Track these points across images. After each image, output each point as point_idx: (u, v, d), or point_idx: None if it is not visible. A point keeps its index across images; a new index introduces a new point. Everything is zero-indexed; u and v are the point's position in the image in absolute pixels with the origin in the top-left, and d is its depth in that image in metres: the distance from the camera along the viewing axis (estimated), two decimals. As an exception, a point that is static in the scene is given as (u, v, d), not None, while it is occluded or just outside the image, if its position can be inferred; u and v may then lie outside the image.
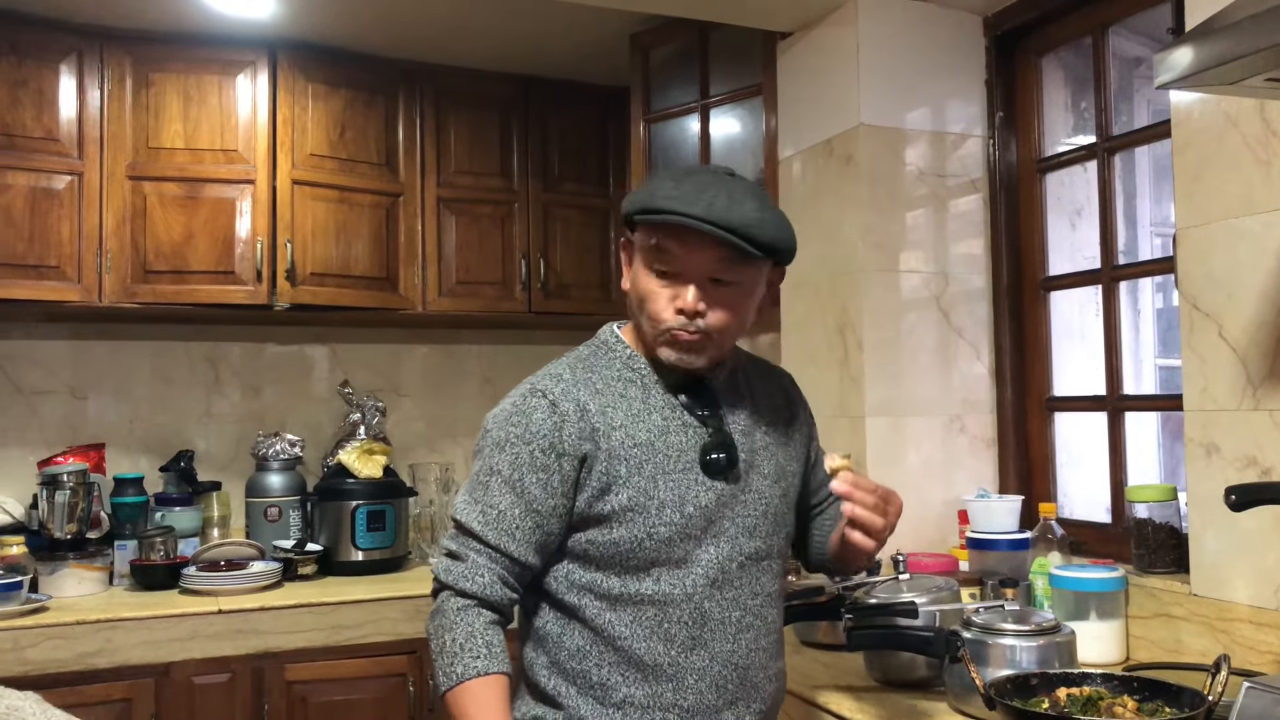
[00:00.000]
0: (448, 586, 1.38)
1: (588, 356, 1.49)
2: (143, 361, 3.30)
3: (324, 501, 3.13)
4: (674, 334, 1.41)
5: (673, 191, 1.37)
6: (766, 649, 1.47)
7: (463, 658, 1.32)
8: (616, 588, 1.39)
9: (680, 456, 1.42)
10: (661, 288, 1.41)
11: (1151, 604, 1.94)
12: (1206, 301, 1.83)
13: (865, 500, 1.38)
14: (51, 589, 2.70)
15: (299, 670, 2.66)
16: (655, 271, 1.41)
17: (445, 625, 1.36)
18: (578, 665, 1.40)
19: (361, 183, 3.18)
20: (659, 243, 1.39)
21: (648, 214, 1.38)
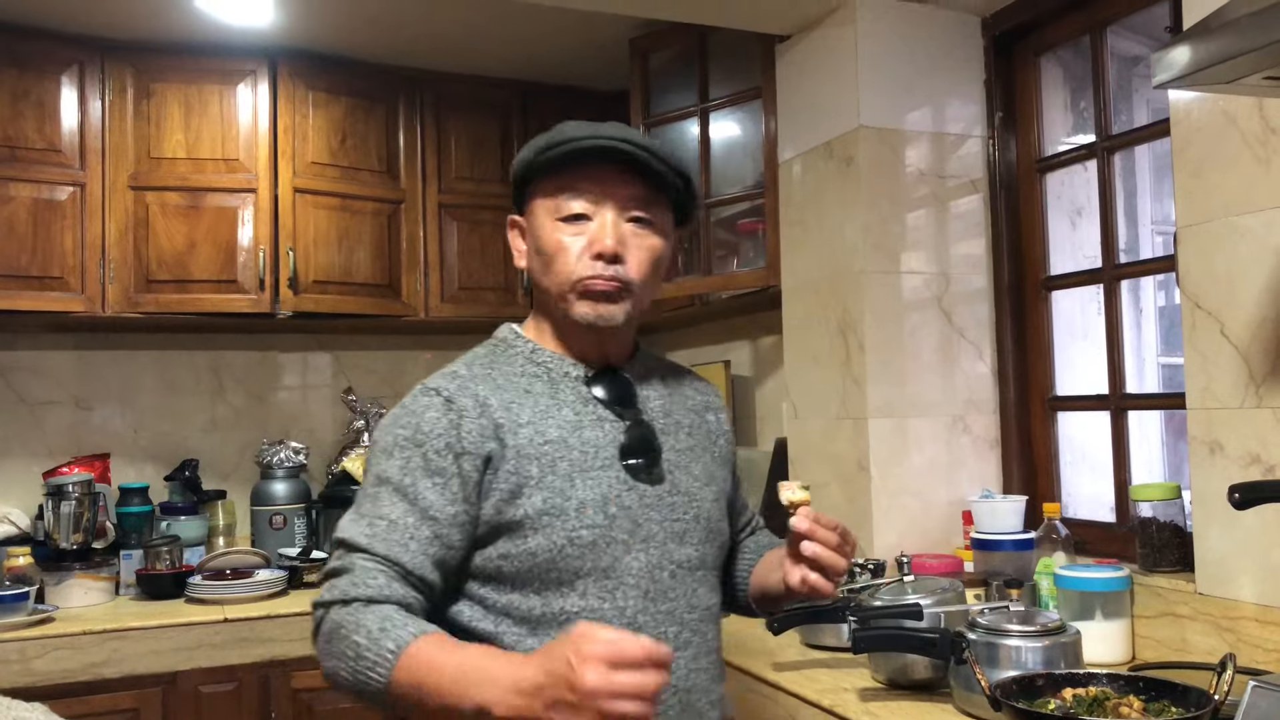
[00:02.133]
0: (331, 603, 1.18)
1: (485, 355, 1.36)
2: (146, 371, 3.30)
3: (329, 509, 3.14)
4: (588, 284, 1.28)
5: (575, 129, 1.29)
6: (707, 670, 1.33)
7: (387, 636, 1.12)
8: (538, 608, 1.23)
9: (598, 453, 1.28)
10: (573, 236, 1.29)
11: (1157, 603, 1.94)
12: (1208, 299, 1.83)
13: (828, 540, 1.25)
14: (58, 599, 2.71)
15: (305, 678, 2.66)
16: (565, 219, 1.29)
17: (347, 630, 1.14)
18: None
19: (363, 190, 3.19)
20: (567, 182, 1.29)
21: (558, 147, 1.28)
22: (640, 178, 1.30)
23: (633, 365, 1.40)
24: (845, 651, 2.00)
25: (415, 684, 1.10)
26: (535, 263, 1.33)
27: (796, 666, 1.98)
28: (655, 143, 1.32)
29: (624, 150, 1.28)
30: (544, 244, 1.31)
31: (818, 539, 1.24)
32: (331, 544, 1.26)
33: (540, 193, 1.33)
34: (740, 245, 2.95)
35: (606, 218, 1.29)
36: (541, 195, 1.32)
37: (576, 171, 1.30)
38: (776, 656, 2.06)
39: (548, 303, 1.34)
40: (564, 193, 1.30)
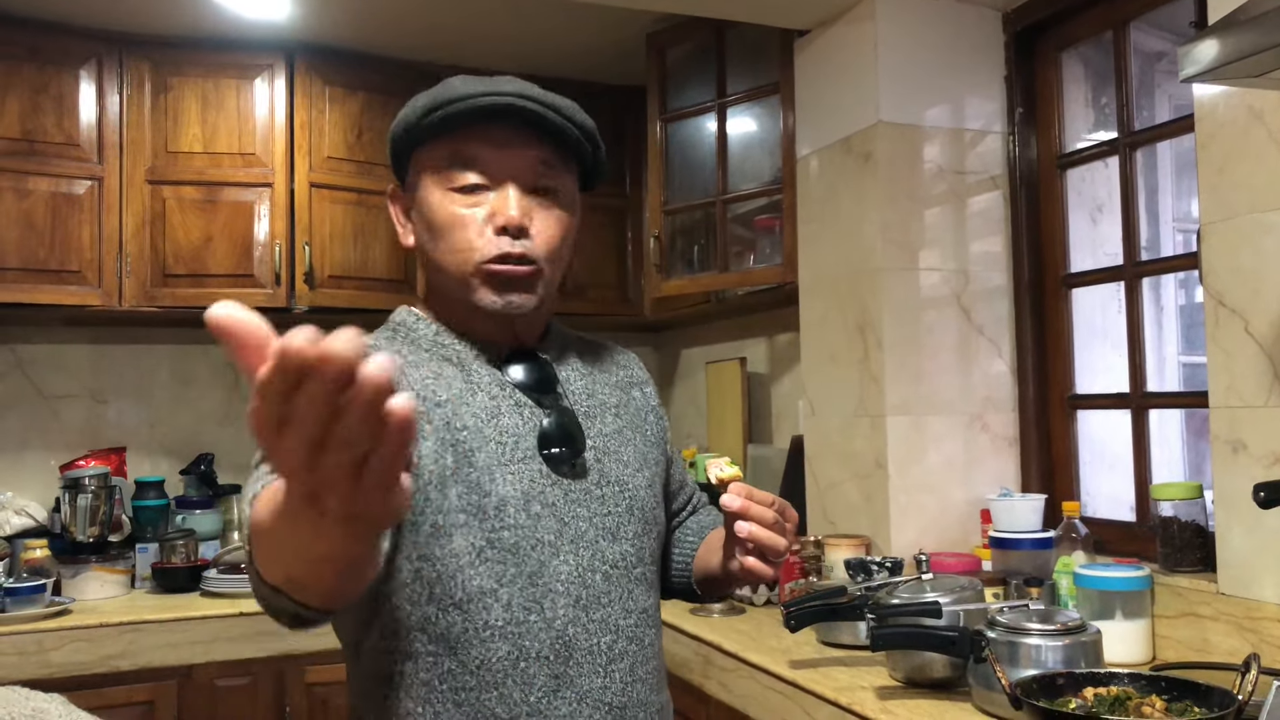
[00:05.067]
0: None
1: (386, 340, 1.18)
2: (163, 365, 3.31)
3: (343, 503, 3.13)
4: (492, 268, 1.12)
5: (464, 86, 1.12)
6: (646, 680, 1.17)
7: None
8: (458, 623, 1.07)
9: (518, 444, 1.12)
10: (468, 208, 1.12)
11: (1178, 603, 1.92)
12: (1231, 297, 1.81)
13: (764, 517, 1.08)
14: (74, 592, 2.72)
15: (320, 672, 2.66)
16: (459, 190, 1.13)
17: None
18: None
19: (379, 185, 3.18)
20: (460, 149, 1.13)
21: (446, 107, 1.11)
22: (543, 140, 1.15)
23: (547, 344, 1.24)
24: (863, 649, 1.99)
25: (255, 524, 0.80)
26: (426, 240, 1.16)
27: (813, 664, 1.97)
28: (561, 99, 1.16)
29: (526, 109, 1.11)
30: (436, 218, 1.14)
31: (752, 516, 1.08)
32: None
33: (427, 160, 1.15)
34: (757, 241, 2.94)
35: (509, 189, 1.13)
36: (429, 163, 1.15)
37: (469, 133, 1.13)
38: (793, 654, 2.05)
39: (445, 284, 1.17)
40: (456, 160, 1.13)
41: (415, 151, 1.17)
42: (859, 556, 2.29)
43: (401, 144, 1.18)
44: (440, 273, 1.16)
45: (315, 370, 0.52)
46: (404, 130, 1.16)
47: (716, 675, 2.19)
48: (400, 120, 1.17)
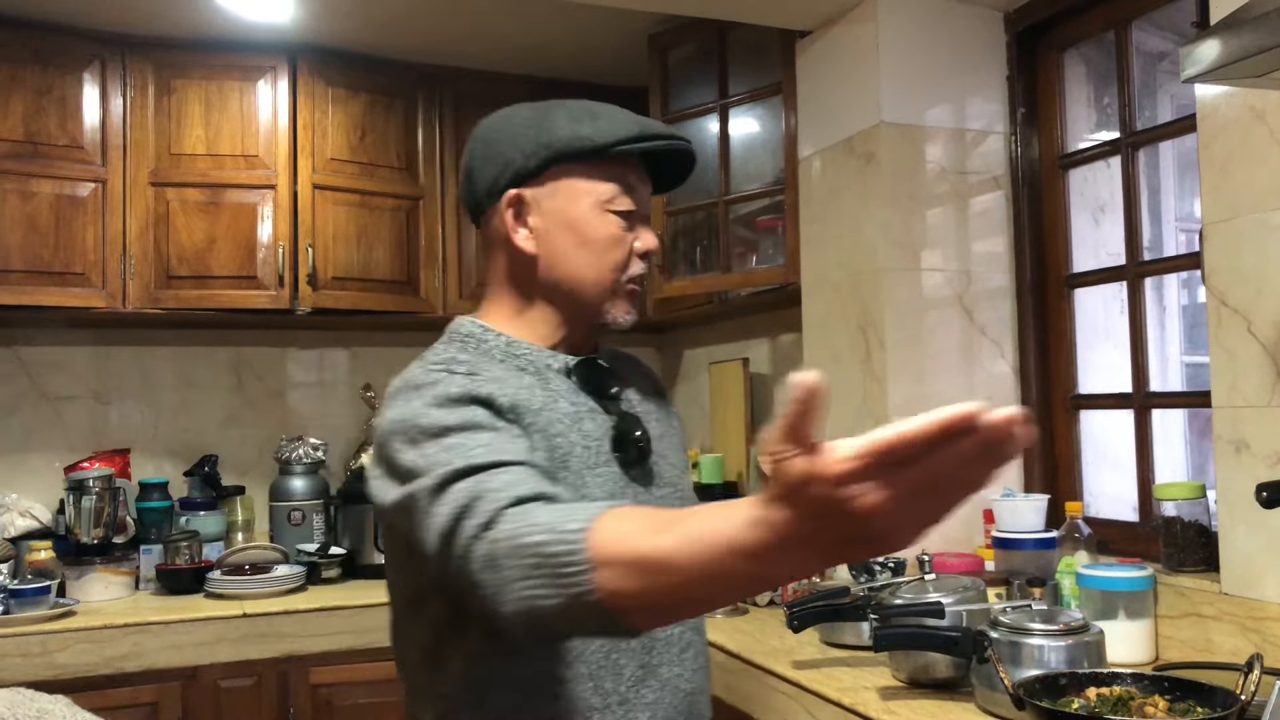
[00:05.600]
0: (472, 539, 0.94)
1: (461, 348, 1.22)
2: (166, 367, 3.32)
3: (347, 505, 3.14)
4: (634, 286, 1.24)
5: (648, 122, 1.23)
6: (704, 668, 1.28)
7: (570, 518, 0.88)
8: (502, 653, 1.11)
9: (599, 448, 1.19)
10: (624, 230, 1.22)
11: (1181, 603, 1.92)
12: (1234, 297, 1.81)
13: None
14: (79, 593, 2.72)
15: (324, 673, 2.67)
16: (618, 212, 1.22)
17: (513, 541, 0.90)
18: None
19: (382, 186, 3.19)
20: (628, 176, 1.23)
21: (645, 141, 1.21)
22: (679, 180, 1.30)
23: (602, 354, 1.32)
24: (866, 650, 1.99)
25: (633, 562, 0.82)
26: (567, 249, 1.21)
27: (816, 665, 1.97)
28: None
29: (691, 159, 1.28)
30: (595, 233, 1.21)
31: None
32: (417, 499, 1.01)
33: (581, 175, 1.21)
34: (759, 242, 2.94)
35: (646, 218, 1.26)
36: (584, 178, 1.21)
37: (629, 165, 1.23)
38: (796, 654, 2.05)
39: (567, 296, 1.23)
40: (623, 186, 1.22)
41: (568, 165, 1.21)
42: (862, 557, 2.28)
43: (556, 159, 1.21)
44: (569, 280, 1.22)
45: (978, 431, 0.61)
46: (598, 145, 1.20)
47: (720, 676, 2.18)
48: (575, 132, 1.20)
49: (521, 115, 1.26)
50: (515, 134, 1.23)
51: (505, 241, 1.24)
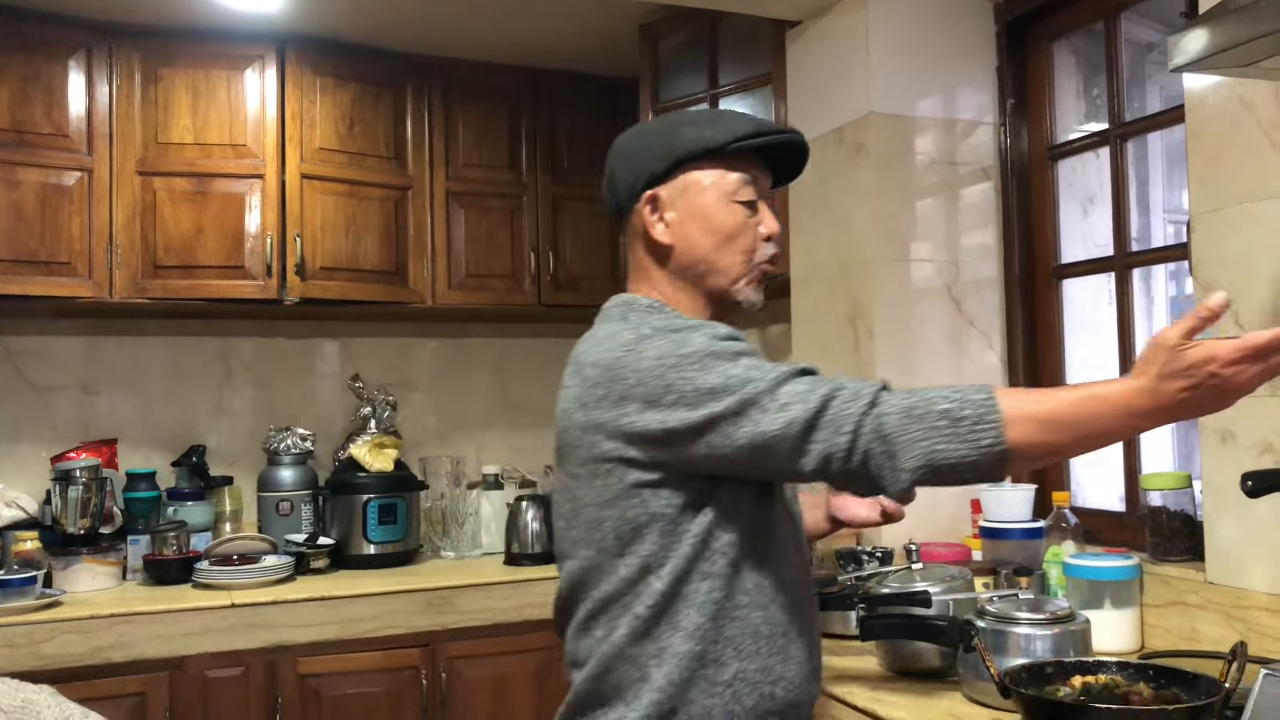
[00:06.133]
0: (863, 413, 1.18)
1: (656, 312, 1.36)
2: (154, 357, 3.30)
3: (335, 495, 3.14)
4: (765, 267, 1.40)
5: (764, 122, 1.40)
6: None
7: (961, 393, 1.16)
8: (757, 556, 1.28)
9: None
10: (749, 219, 1.38)
11: (1166, 592, 1.93)
12: (1221, 287, 1.81)
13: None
14: (65, 584, 2.71)
15: (312, 664, 2.66)
16: (742, 203, 1.37)
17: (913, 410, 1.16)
18: (693, 646, 1.24)
19: (370, 176, 3.18)
20: (751, 170, 1.38)
21: (760, 137, 1.37)
22: (794, 171, 1.46)
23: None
24: (853, 639, 1.99)
25: (1034, 419, 1.13)
26: (701, 239, 1.36)
27: (804, 654, 1.97)
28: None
29: (804, 151, 1.43)
30: (722, 222, 1.36)
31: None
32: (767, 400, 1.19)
33: (705, 171, 1.37)
34: (749, 233, 2.93)
35: (766, 206, 1.40)
36: (711, 174, 1.37)
37: (749, 160, 1.38)
38: (784, 644, 2.05)
39: (702, 279, 1.38)
40: (744, 178, 1.37)
41: (694, 164, 1.37)
42: (849, 546, 2.29)
43: (684, 159, 1.37)
44: (705, 267, 1.37)
45: None
46: (719, 145, 1.36)
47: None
48: (700, 136, 1.36)
49: (651, 127, 1.49)
50: (647, 143, 1.41)
51: (645, 236, 1.39)
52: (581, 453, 1.28)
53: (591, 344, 1.33)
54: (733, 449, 1.20)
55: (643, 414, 1.23)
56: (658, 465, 1.24)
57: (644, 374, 1.23)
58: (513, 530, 3.17)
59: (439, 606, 2.81)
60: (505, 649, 2.88)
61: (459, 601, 2.84)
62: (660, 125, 1.47)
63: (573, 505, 1.31)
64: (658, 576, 1.25)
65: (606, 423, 1.25)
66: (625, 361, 1.25)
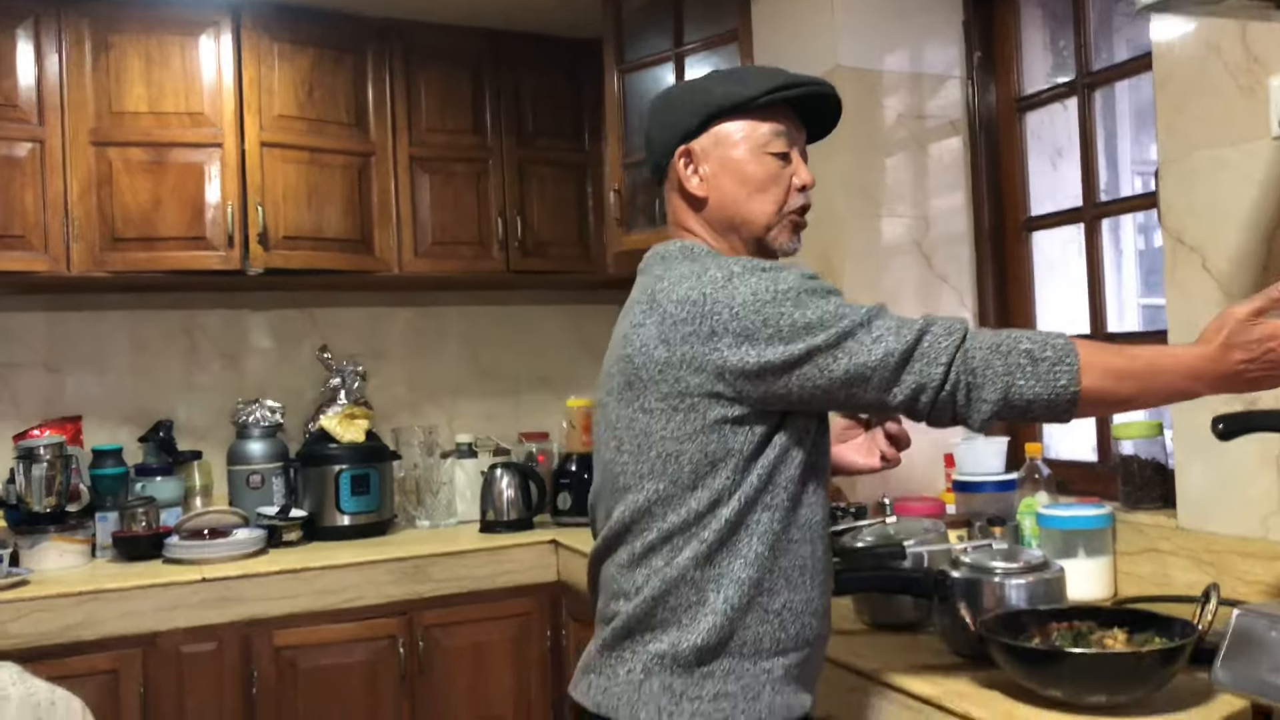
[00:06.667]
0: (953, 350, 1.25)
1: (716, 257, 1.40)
2: (117, 332, 3.24)
3: (307, 467, 3.10)
4: (796, 217, 1.44)
5: (791, 75, 1.43)
6: None
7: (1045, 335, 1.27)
8: (811, 491, 1.34)
9: None
10: (781, 170, 1.42)
11: (1139, 540, 1.94)
12: (1190, 234, 1.81)
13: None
14: (32, 563, 2.67)
15: (287, 636, 2.64)
16: (774, 155, 1.41)
17: (1000, 348, 1.25)
18: (752, 573, 1.29)
19: (332, 143, 3.12)
20: (782, 123, 1.42)
21: (788, 89, 1.41)
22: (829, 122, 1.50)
23: None
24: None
25: (1107, 369, 1.25)
26: (736, 191, 1.41)
27: (780, 611, 1.97)
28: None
29: (836, 102, 1.47)
30: (754, 173, 1.41)
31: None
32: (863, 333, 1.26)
33: (737, 125, 1.41)
34: (718, 193, 2.91)
35: (799, 157, 1.44)
36: (742, 127, 1.41)
37: (780, 112, 1.42)
38: (760, 602, 2.05)
39: (737, 228, 1.43)
40: (776, 130, 1.41)
41: (725, 119, 1.41)
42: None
43: (715, 114, 1.41)
44: (740, 218, 1.42)
45: None
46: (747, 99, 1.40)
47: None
48: (742, 89, 1.40)
49: (683, 86, 1.54)
50: (680, 101, 1.46)
51: (681, 189, 1.44)
52: (662, 388, 1.30)
53: (670, 283, 1.34)
54: (827, 381, 1.26)
55: (737, 349, 1.27)
56: (743, 400, 1.28)
57: (739, 309, 1.27)
58: (487, 498, 3.15)
59: (415, 575, 2.79)
60: (483, 616, 2.87)
61: (435, 570, 2.82)
62: (692, 84, 1.51)
63: (642, 439, 1.33)
64: (726, 507, 1.29)
65: (694, 358, 1.28)
66: (717, 297, 1.28)
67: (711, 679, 1.29)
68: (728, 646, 1.29)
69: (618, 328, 1.44)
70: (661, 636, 1.30)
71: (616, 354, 1.40)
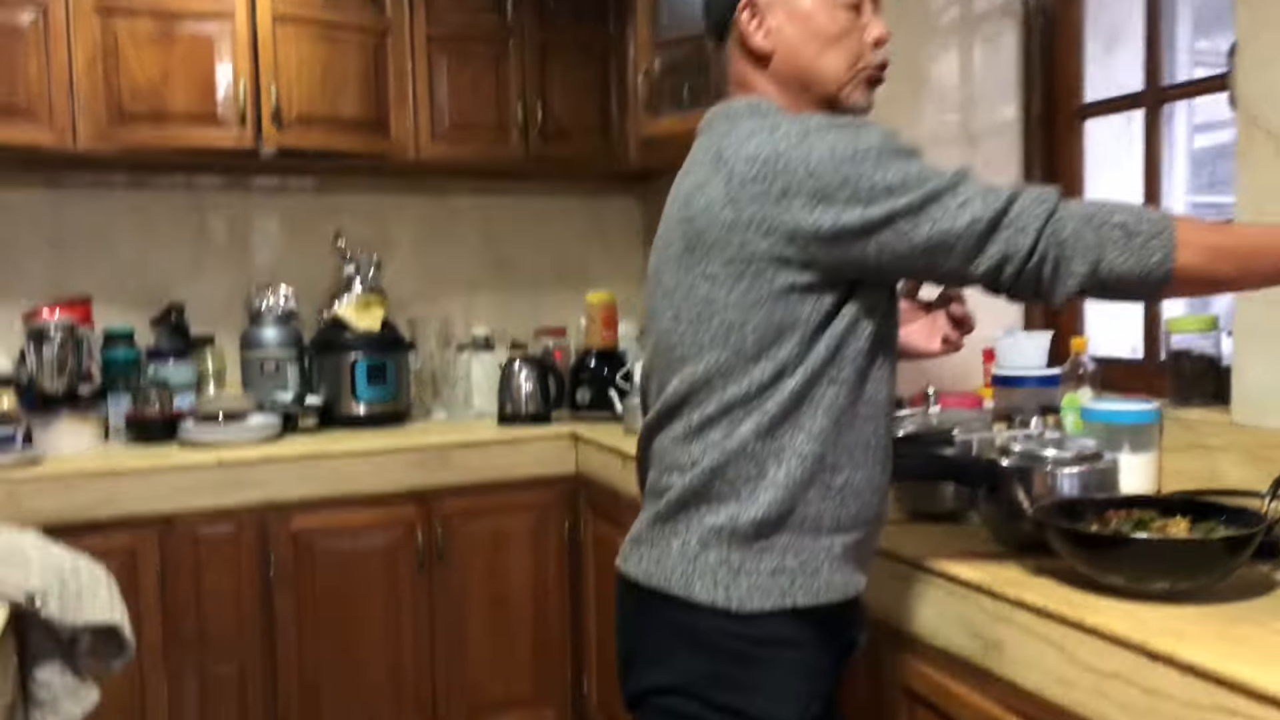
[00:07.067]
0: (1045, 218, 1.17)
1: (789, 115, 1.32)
2: (125, 213, 3.14)
3: (321, 355, 3.05)
4: (874, 72, 1.36)
5: None
6: None
7: (1142, 209, 1.19)
8: (878, 367, 1.28)
9: None
10: (853, 22, 1.33)
11: (1186, 436, 1.89)
12: (1267, 117, 1.71)
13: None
14: (45, 443, 2.63)
15: (305, 520, 2.62)
16: (845, 7, 1.32)
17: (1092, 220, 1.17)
18: (815, 448, 1.24)
19: (347, 18, 2.98)
20: None
21: None
22: None
23: None
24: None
25: (1205, 246, 1.17)
26: (805, 46, 1.32)
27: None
28: None
29: None
30: (826, 26, 1.31)
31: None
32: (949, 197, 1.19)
33: None
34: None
35: (872, 10, 1.35)
36: None
37: None
38: (793, 492, 2.00)
39: (807, 85, 1.34)
40: None
41: None
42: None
43: None
44: (811, 74, 1.33)
45: None
46: None
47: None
48: None
49: None
50: None
51: (745, 46, 1.34)
52: (727, 252, 1.22)
53: (738, 139, 1.25)
54: (906, 248, 1.18)
55: (811, 210, 1.18)
56: (813, 266, 1.21)
57: (815, 167, 1.18)
58: (505, 392, 3.10)
59: (433, 464, 2.76)
60: (502, 506, 2.84)
61: (454, 460, 2.79)
62: None
63: (703, 308, 1.26)
64: (791, 378, 1.23)
65: (764, 219, 1.20)
66: (792, 155, 1.19)
67: (770, 553, 1.24)
68: (787, 521, 1.25)
69: (677, 190, 1.35)
70: (719, 509, 1.25)
71: (676, 217, 1.32)
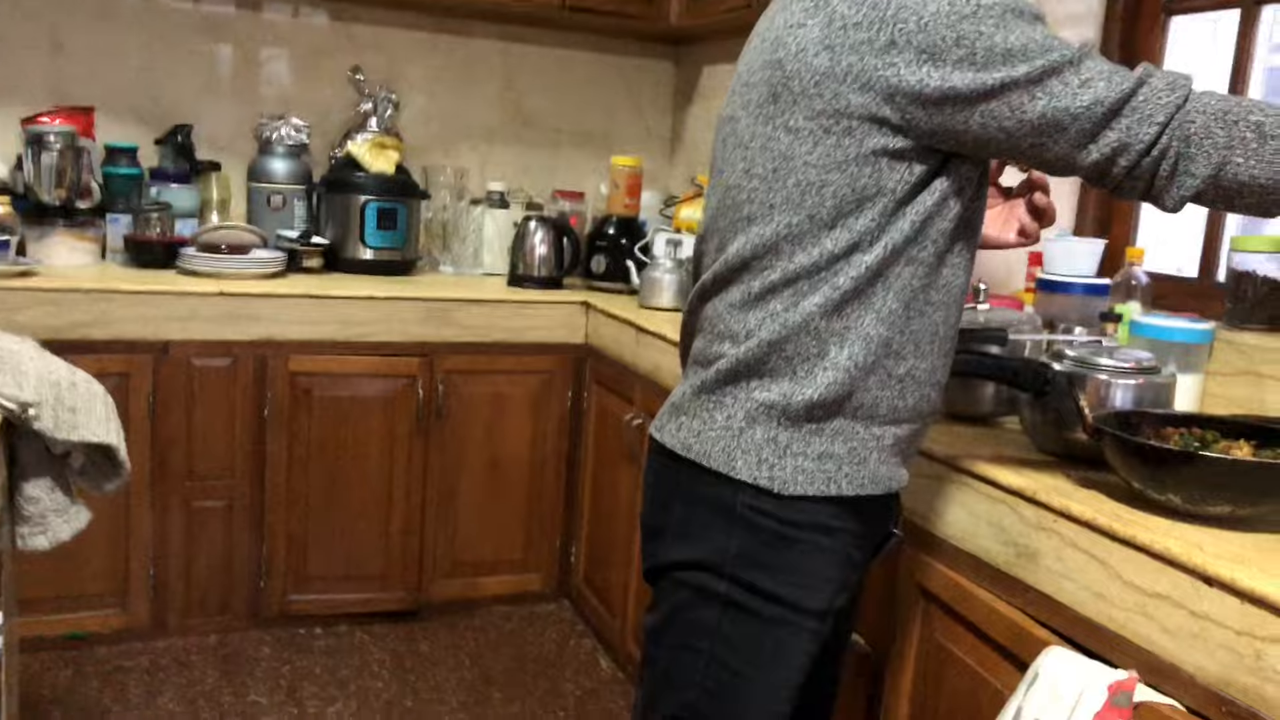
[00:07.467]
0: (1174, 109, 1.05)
1: None
2: (135, 25, 2.96)
3: (331, 194, 2.92)
4: None
5: None
6: None
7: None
8: (958, 251, 1.18)
9: None
10: None
11: (1238, 360, 1.80)
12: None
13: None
14: (40, 255, 2.53)
15: (303, 362, 2.54)
16: None
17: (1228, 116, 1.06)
18: (883, 331, 1.15)
19: None
20: None
21: None
22: None
23: None
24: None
25: None
26: None
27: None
28: None
29: None
30: None
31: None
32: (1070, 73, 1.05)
33: None
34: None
35: None
36: None
37: None
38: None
39: None
40: None
41: None
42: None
43: None
44: None
45: None
46: None
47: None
48: None
49: None
50: None
51: None
52: (816, 104, 1.10)
53: None
54: (1015, 123, 1.08)
55: (918, 67, 1.06)
56: (910, 131, 1.10)
57: (929, 20, 1.05)
58: (518, 251, 2.99)
59: (439, 318, 2.66)
60: (506, 368, 2.77)
61: (460, 315, 2.69)
62: None
63: (780, 163, 1.14)
64: (867, 253, 1.13)
65: (863, 71, 1.08)
66: (904, 2, 1.06)
67: (819, 436, 1.17)
68: (843, 407, 1.16)
69: (765, 29, 1.20)
70: (771, 385, 1.17)
71: (762, 59, 1.17)
